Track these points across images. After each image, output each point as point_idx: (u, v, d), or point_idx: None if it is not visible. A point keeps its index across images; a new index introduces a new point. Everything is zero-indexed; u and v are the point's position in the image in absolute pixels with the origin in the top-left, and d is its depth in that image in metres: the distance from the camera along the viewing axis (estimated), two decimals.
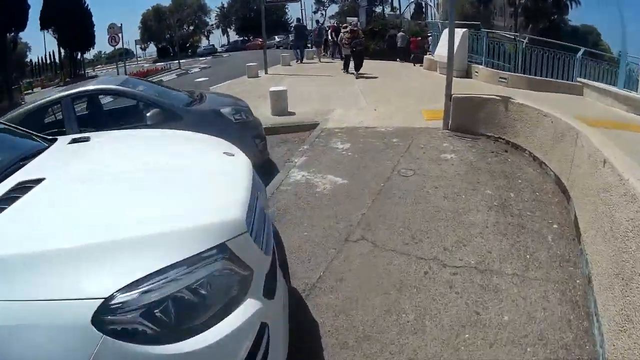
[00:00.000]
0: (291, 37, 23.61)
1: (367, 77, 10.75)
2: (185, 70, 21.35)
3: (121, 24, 22.34)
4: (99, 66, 38.20)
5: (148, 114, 3.98)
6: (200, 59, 31.29)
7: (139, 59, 43.49)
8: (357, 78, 10.52)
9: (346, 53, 11.17)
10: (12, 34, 26.40)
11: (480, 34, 10.23)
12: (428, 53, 12.81)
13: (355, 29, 10.81)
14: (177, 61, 28.14)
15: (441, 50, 9.40)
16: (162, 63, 27.37)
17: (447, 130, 5.25)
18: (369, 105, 7.24)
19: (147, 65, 32.59)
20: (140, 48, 45.70)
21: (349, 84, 9.84)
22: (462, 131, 5.13)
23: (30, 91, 33.16)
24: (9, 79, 26.98)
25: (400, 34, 15.08)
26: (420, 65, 12.71)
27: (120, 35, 20.06)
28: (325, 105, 7.26)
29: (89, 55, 37.30)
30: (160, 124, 3.86)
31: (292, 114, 6.75)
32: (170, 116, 4.07)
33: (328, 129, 5.72)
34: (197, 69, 21.11)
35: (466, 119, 5.11)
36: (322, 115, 6.56)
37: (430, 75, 11.18)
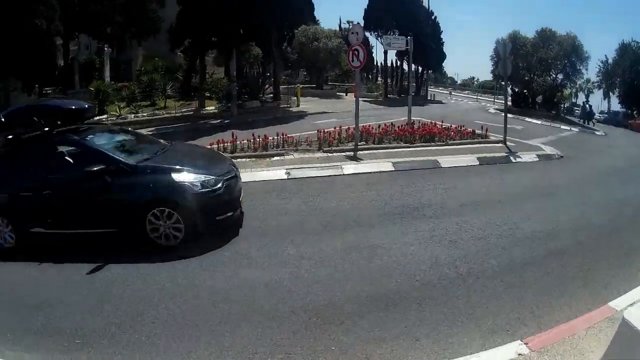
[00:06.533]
0: None
1: None
2: (514, 156, 9.78)
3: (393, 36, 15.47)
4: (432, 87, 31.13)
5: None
6: (563, 129, 18.75)
7: (496, 97, 35.67)
8: None
9: None
10: None
11: None
12: None
13: None
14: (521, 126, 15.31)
15: None
16: (511, 116, 17.44)
17: None
18: None
19: (486, 113, 21.34)
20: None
21: None
22: None
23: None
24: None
25: None
26: None
27: (360, 51, 9.29)
28: None
29: (457, 75, 27.10)
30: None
31: None
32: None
33: None
34: (532, 158, 9.86)
35: None
36: None
37: None
